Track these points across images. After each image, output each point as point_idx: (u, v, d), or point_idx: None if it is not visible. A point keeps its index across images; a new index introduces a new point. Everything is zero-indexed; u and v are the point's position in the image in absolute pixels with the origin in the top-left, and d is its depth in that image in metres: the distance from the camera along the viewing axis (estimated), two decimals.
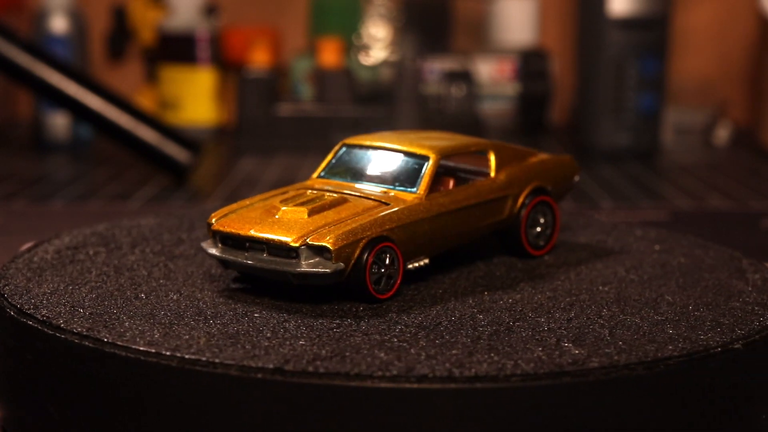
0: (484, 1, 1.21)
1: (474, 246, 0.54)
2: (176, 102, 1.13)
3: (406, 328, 0.43)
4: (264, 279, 0.48)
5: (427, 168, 0.49)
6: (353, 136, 0.52)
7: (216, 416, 0.39)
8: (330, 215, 0.47)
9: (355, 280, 0.46)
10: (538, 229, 0.54)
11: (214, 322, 0.44)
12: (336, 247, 0.45)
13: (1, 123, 1.20)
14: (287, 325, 0.43)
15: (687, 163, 1.05)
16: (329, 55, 1.10)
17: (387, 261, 0.46)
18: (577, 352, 0.41)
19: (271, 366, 0.39)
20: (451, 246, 0.51)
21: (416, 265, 0.48)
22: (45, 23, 1.08)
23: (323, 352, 0.40)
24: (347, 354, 0.40)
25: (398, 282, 0.47)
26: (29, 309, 0.44)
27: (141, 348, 0.40)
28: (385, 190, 0.49)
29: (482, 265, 0.52)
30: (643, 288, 0.49)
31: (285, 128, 1.09)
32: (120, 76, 1.24)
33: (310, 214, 0.47)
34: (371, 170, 0.50)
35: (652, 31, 1.06)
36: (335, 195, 0.48)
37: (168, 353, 0.40)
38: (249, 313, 0.45)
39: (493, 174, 0.52)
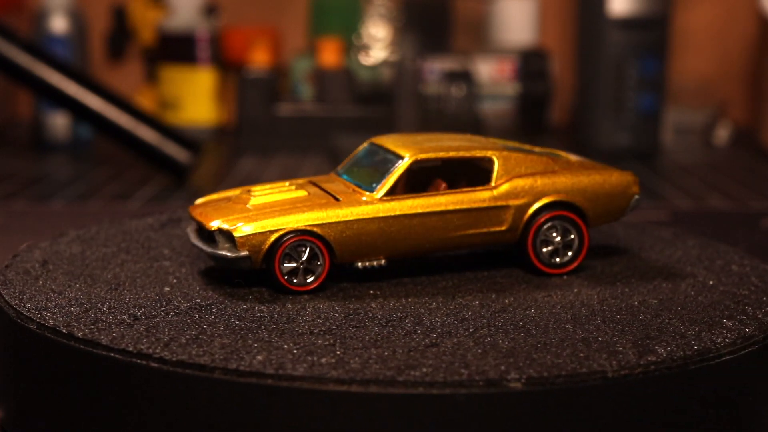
0: (484, 1, 1.21)
1: (502, 255, 0.52)
2: (176, 102, 1.13)
3: (260, 318, 0.44)
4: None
5: (395, 168, 0.48)
6: (380, 135, 0.52)
7: (36, 372, 0.43)
8: (272, 206, 0.47)
9: (267, 270, 0.47)
10: (551, 247, 0.50)
11: (116, 292, 0.46)
12: (240, 234, 0.46)
13: (1, 123, 1.20)
14: (167, 305, 0.45)
15: (687, 163, 1.05)
16: (329, 55, 1.10)
17: (305, 255, 0.47)
18: (378, 366, 0.39)
19: (64, 330, 0.42)
20: (421, 251, 0.49)
21: (367, 264, 0.48)
22: (45, 23, 1.08)
23: (140, 329, 0.42)
24: (153, 331, 0.42)
25: (322, 277, 0.47)
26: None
27: (13, 304, 0.45)
28: (353, 187, 0.49)
29: (486, 273, 0.50)
30: (591, 314, 0.45)
31: (285, 128, 1.09)
32: (120, 76, 1.24)
33: (255, 203, 0.48)
34: (367, 169, 0.50)
35: (652, 31, 1.06)
36: (303, 188, 0.49)
37: (24, 312, 0.44)
38: (159, 289, 0.47)
39: (493, 182, 0.49)
